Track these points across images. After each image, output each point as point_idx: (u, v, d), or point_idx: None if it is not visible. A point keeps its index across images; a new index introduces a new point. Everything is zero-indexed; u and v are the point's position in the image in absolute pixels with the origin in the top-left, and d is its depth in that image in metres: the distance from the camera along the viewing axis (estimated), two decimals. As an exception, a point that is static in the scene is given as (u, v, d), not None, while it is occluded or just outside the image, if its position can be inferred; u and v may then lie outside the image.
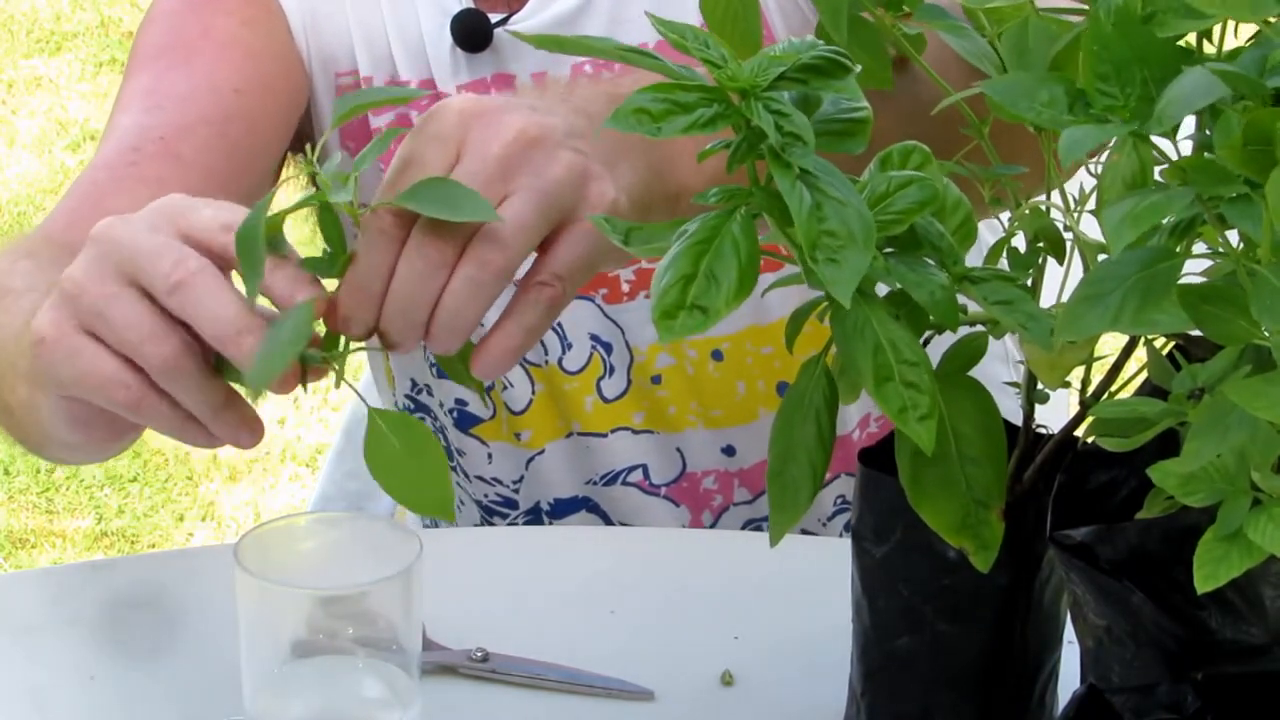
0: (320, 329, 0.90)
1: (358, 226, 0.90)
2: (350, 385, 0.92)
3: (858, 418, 1.43)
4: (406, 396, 1.47)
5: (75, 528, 2.93)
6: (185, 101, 1.31)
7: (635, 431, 1.40)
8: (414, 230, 0.88)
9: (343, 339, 0.91)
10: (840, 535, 1.45)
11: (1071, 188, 0.89)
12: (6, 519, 2.93)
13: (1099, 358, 0.86)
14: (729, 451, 1.41)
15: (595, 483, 1.42)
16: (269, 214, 0.88)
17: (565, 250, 0.92)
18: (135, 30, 1.40)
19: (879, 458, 0.94)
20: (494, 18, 1.35)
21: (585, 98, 0.98)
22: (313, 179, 0.91)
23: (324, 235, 0.90)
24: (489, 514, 1.47)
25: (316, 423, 3.15)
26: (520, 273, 0.92)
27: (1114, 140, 0.74)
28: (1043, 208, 0.87)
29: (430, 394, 1.45)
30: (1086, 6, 0.83)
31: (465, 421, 1.43)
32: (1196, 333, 0.74)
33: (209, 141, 1.30)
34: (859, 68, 0.83)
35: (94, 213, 1.23)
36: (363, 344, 0.91)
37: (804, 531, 1.44)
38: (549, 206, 0.90)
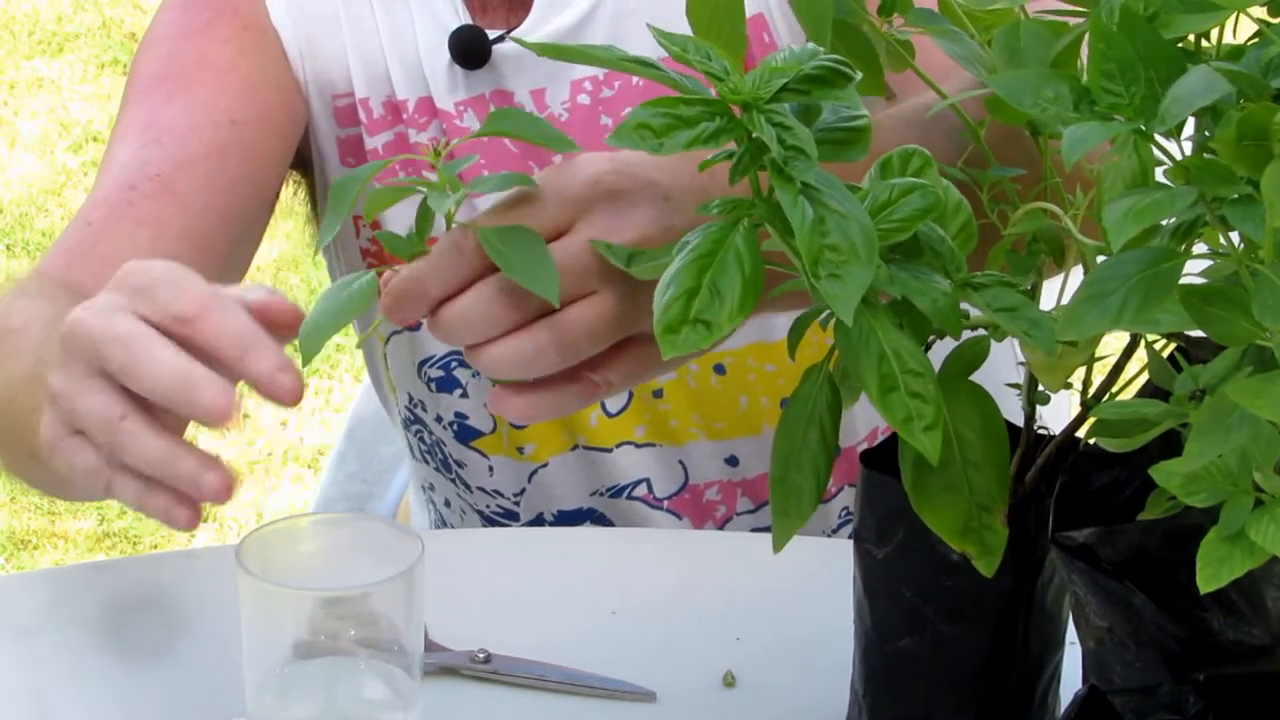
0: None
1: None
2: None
3: (865, 430, 1.43)
4: (406, 408, 1.47)
5: (77, 529, 2.93)
6: (183, 135, 1.31)
7: (638, 445, 1.40)
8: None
9: None
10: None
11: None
12: (8, 520, 2.93)
13: (1100, 358, 0.86)
14: (732, 462, 1.41)
15: (601, 494, 1.42)
16: (374, 189, 0.90)
17: (632, 360, 0.93)
18: (137, 30, 1.40)
19: (881, 459, 0.94)
20: (492, 34, 1.35)
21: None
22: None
23: (417, 220, 0.91)
24: (490, 525, 1.47)
25: (318, 424, 3.15)
26: None
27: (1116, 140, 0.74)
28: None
29: (424, 409, 1.45)
30: (1081, 7, 0.83)
31: (465, 434, 1.43)
32: (1197, 334, 0.74)
33: (207, 177, 1.30)
34: (860, 76, 0.83)
35: (90, 255, 1.24)
36: None
37: (808, 542, 1.44)
38: (613, 331, 0.91)
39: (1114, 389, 0.88)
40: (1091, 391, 0.88)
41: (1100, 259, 0.81)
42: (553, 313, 0.89)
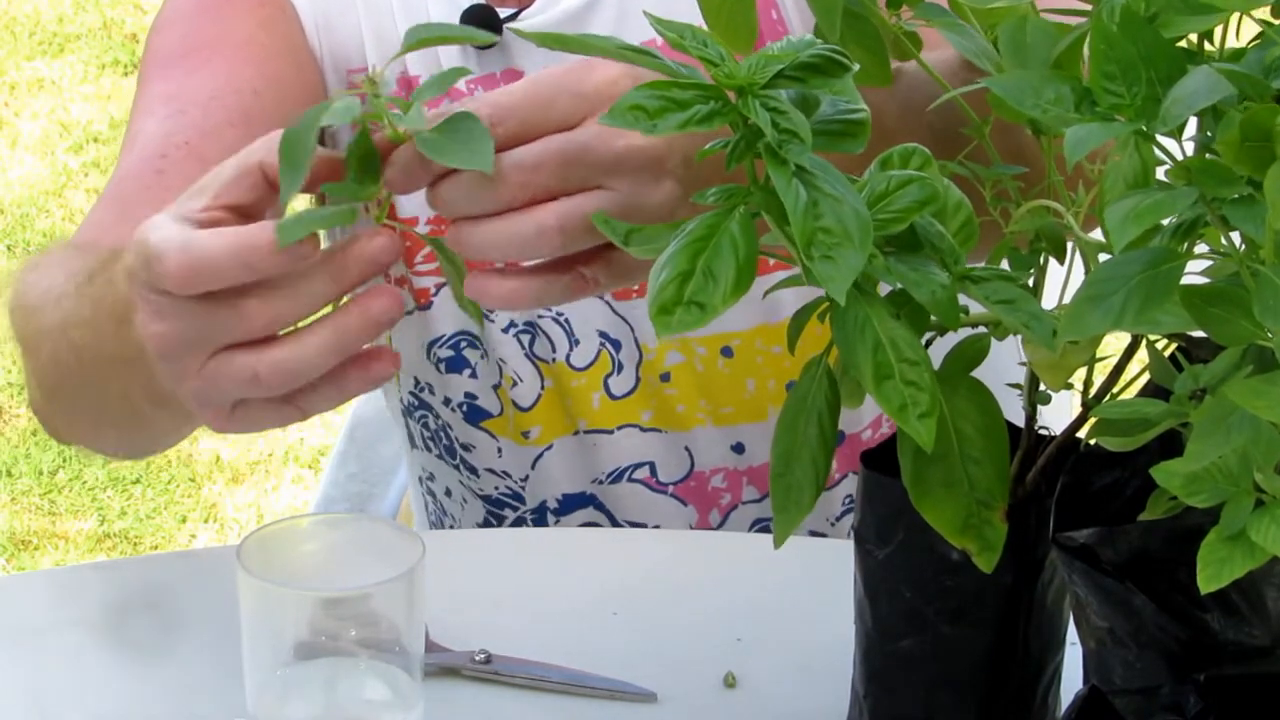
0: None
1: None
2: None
3: (869, 417, 1.43)
4: (411, 394, 1.47)
5: (78, 529, 2.93)
6: (208, 104, 1.31)
7: (643, 429, 1.40)
8: (507, 155, 0.89)
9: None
10: (848, 535, 1.45)
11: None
12: (9, 521, 2.94)
13: (1101, 358, 0.86)
14: (738, 449, 1.41)
15: (601, 481, 1.43)
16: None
17: (624, 263, 0.93)
18: (137, 31, 1.41)
19: (882, 460, 0.94)
20: (503, 12, 1.35)
21: None
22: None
23: (356, 158, 0.91)
24: (498, 507, 1.46)
25: (319, 425, 3.15)
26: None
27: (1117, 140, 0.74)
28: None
29: (433, 392, 1.45)
30: (1088, 6, 0.83)
31: (475, 415, 1.43)
32: (1199, 334, 0.74)
33: (234, 145, 1.29)
34: (857, 66, 0.83)
35: (122, 223, 1.24)
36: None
37: (812, 532, 1.44)
38: (636, 220, 0.90)
39: (1115, 389, 0.88)
40: (1093, 392, 0.88)
41: (1102, 257, 0.81)
42: (544, 205, 0.90)
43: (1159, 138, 0.73)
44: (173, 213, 0.93)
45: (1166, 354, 0.84)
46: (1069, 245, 0.88)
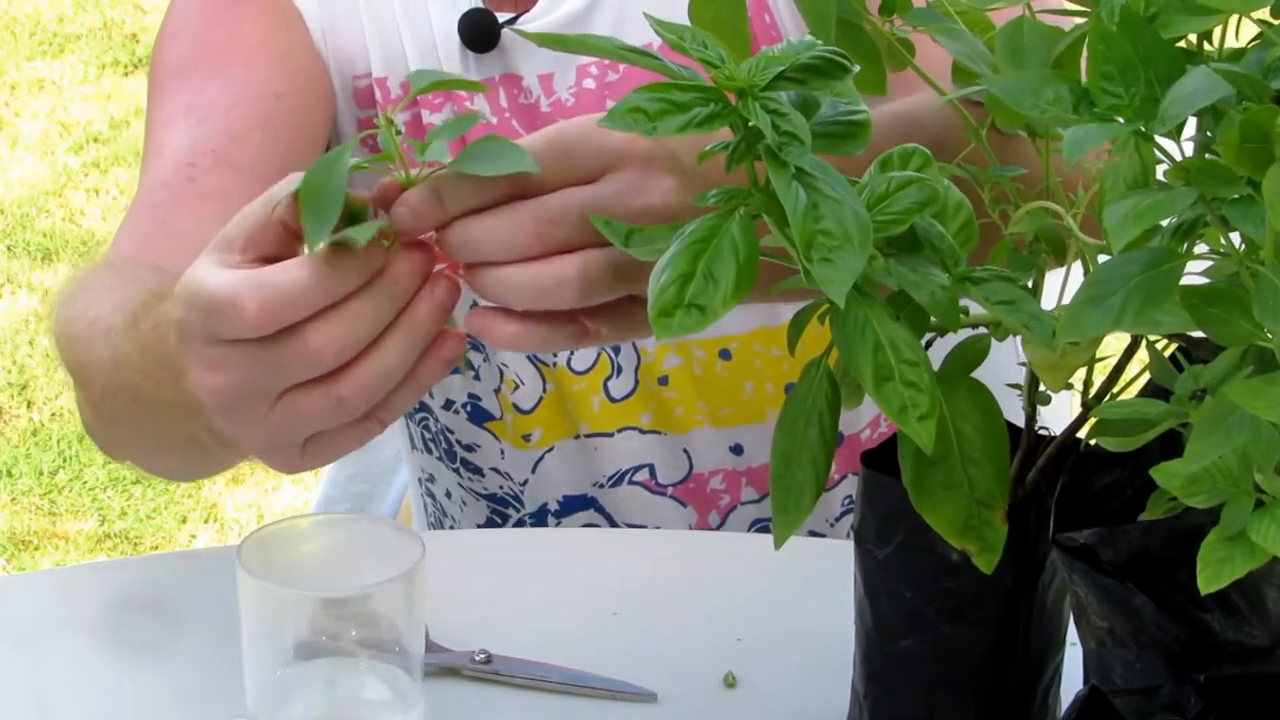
0: None
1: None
2: None
3: (868, 418, 1.43)
4: None
5: (78, 530, 2.93)
6: (230, 110, 1.31)
7: (643, 431, 1.41)
8: (535, 202, 0.89)
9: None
10: (848, 535, 1.45)
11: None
12: (9, 521, 2.94)
13: (1101, 358, 0.86)
14: (737, 450, 1.42)
15: (602, 485, 1.43)
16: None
17: (629, 318, 0.93)
18: (138, 31, 1.41)
19: (882, 459, 0.94)
20: (502, 17, 1.35)
21: None
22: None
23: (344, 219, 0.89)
24: (502, 505, 1.47)
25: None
26: None
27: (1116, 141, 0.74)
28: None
29: (432, 395, 1.45)
30: (1085, 7, 0.83)
31: (479, 416, 1.43)
32: (1199, 334, 0.74)
33: (261, 149, 1.30)
34: (857, 68, 0.83)
35: (160, 234, 1.24)
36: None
37: (812, 532, 1.44)
38: (629, 281, 0.91)
39: (1115, 389, 0.88)
40: (1093, 392, 0.88)
41: (1102, 258, 0.81)
42: (552, 259, 0.90)
43: (1158, 138, 0.73)
44: (213, 261, 0.91)
45: (1166, 354, 0.84)
46: (1068, 246, 0.88)
